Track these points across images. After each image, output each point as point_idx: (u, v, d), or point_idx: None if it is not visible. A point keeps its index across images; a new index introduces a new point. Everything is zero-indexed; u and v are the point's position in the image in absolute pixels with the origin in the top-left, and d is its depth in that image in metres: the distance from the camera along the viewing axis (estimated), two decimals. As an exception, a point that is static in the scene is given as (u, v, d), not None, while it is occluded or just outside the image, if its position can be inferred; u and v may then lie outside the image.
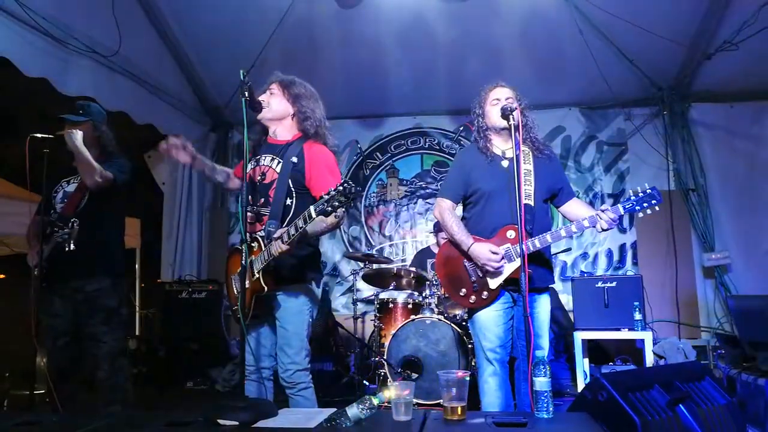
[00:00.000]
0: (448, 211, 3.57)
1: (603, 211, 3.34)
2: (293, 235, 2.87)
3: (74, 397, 3.83)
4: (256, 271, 3.05)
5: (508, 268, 3.37)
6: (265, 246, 3.04)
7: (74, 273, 3.77)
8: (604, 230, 3.38)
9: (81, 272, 3.78)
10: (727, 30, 5.75)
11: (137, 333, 7.74)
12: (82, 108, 3.96)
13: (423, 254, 6.63)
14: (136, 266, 8.06)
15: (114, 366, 3.85)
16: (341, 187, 2.65)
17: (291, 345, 3.22)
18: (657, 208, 3.33)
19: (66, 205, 3.89)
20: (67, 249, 3.69)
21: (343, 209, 2.78)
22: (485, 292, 3.42)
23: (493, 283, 3.39)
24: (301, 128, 3.39)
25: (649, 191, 3.32)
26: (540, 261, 3.50)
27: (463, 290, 3.50)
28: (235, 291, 3.28)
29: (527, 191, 3.42)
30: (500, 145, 3.60)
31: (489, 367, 3.44)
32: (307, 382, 3.25)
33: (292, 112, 3.39)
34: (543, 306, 3.53)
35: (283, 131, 3.41)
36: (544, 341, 3.50)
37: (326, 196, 2.68)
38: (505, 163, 3.52)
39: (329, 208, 2.69)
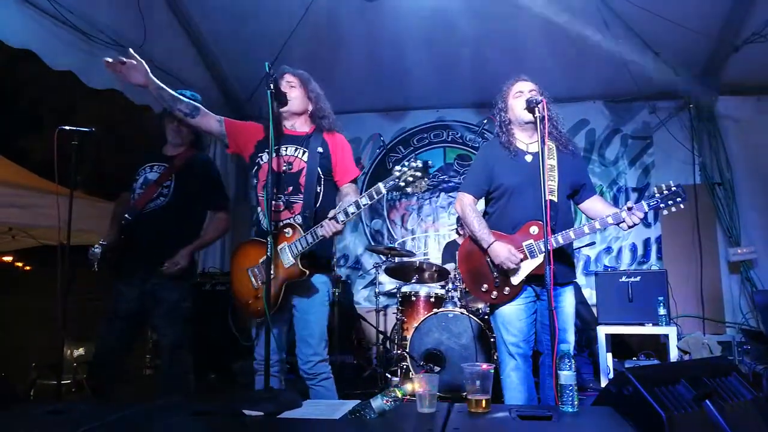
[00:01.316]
0: (470, 206, 3.56)
1: (629, 209, 3.32)
2: (353, 213, 2.97)
3: (108, 387, 3.88)
4: (292, 257, 3.09)
5: (531, 264, 3.37)
6: (304, 230, 3.11)
7: (146, 262, 3.81)
8: (629, 227, 3.36)
9: (149, 264, 3.81)
10: (756, 21, 5.65)
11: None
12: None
13: (451, 246, 6.62)
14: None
15: (173, 358, 3.90)
16: (414, 163, 2.75)
17: (314, 335, 3.25)
18: (682, 206, 3.30)
19: (140, 197, 3.93)
20: (93, 269, 3.78)
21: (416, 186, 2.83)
22: (507, 288, 3.43)
23: (515, 279, 3.40)
24: (317, 124, 3.47)
25: (674, 188, 3.31)
26: (562, 257, 3.47)
27: (485, 286, 3.51)
28: (257, 282, 3.26)
29: (551, 187, 3.41)
30: (524, 140, 3.59)
31: (511, 361, 3.44)
32: (327, 372, 3.30)
33: (310, 108, 3.47)
34: (567, 300, 3.50)
35: (302, 124, 3.49)
36: (570, 335, 3.47)
37: (398, 173, 2.78)
38: (528, 158, 3.51)
39: (402, 183, 2.78)
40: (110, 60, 3.22)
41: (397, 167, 2.81)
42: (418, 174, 2.75)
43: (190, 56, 6.57)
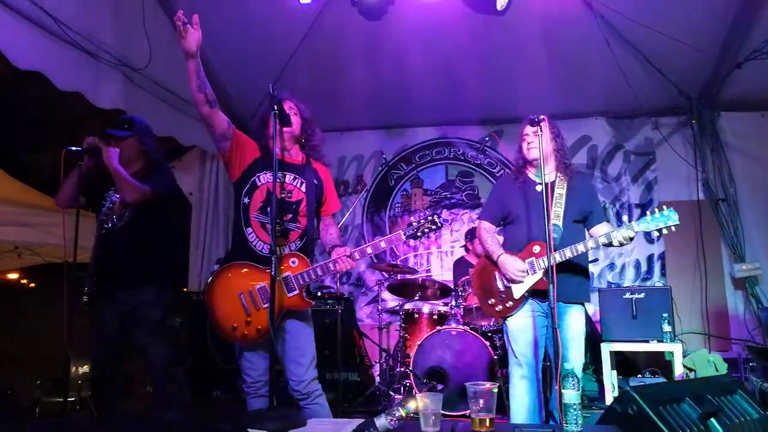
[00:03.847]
0: (485, 230, 3.96)
1: (620, 228, 3.53)
2: (370, 253, 3.22)
3: (112, 405, 3.87)
4: (296, 286, 3.13)
5: (532, 279, 3.64)
6: (312, 262, 3.22)
7: (119, 283, 3.78)
8: (620, 244, 3.55)
9: (126, 283, 3.78)
10: (758, 38, 5.67)
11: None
12: (127, 123, 4.00)
13: (460, 262, 6.67)
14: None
15: (165, 376, 3.88)
16: (431, 218, 3.24)
17: (306, 355, 3.29)
18: (673, 228, 3.44)
19: (107, 217, 3.91)
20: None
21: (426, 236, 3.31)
22: (510, 302, 3.71)
23: (517, 293, 3.68)
24: (308, 154, 3.54)
25: (666, 213, 3.47)
26: (570, 276, 3.66)
27: (492, 300, 3.81)
28: (252, 308, 3.19)
29: (557, 212, 3.70)
30: (535, 173, 3.86)
31: (518, 370, 3.67)
32: (319, 390, 3.33)
33: (304, 138, 3.52)
34: (572, 318, 3.65)
35: (297, 152, 3.51)
36: (573, 354, 3.56)
37: (416, 224, 3.22)
38: (538, 188, 3.78)
39: (419, 234, 3.21)
40: (182, 15, 3.06)
41: (414, 220, 3.26)
42: (433, 227, 3.23)
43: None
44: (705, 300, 6.79)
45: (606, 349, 5.35)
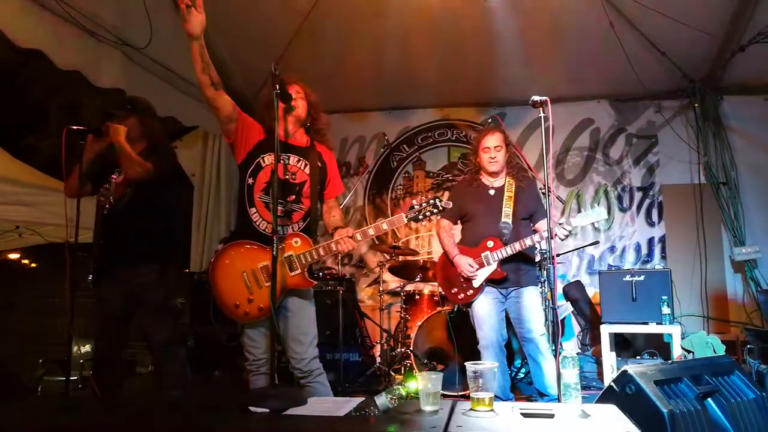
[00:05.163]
0: (444, 228, 4.62)
1: (559, 224, 4.17)
2: (371, 235, 3.26)
3: (113, 384, 3.90)
4: (299, 266, 3.15)
5: (487, 270, 4.33)
6: (315, 243, 3.24)
7: (120, 262, 3.80)
8: (561, 240, 4.29)
9: (128, 262, 3.80)
10: (762, 21, 5.64)
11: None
12: (129, 102, 4.02)
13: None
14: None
15: (167, 355, 3.91)
16: (433, 201, 3.21)
17: (308, 334, 3.31)
18: (603, 222, 4.06)
19: (107, 194, 3.94)
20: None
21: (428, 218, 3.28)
22: (470, 291, 4.40)
23: (475, 282, 4.37)
24: (313, 137, 3.55)
25: (597, 210, 4.21)
26: (521, 266, 4.40)
27: (455, 289, 4.51)
28: (254, 286, 3.23)
29: (506, 212, 4.35)
30: (489, 179, 4.56)
31: (484, 351, 4.33)
32: (320, 368, 3.36)
33: (309, 121, 3.53)
34: (529, 296, 4.35)
35: (301, 135, 3.51)
36: (535, 324, 4.28)
37: (417, 207, 3.20)
38: (491, 192, 4.50)
39: (420, 216, 3.21)
40: None
41: (416, 203, 3.24)
42: (435, 210, 3.19)
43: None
44: (704, 283, 6.83)
45: (605, 330, 5.38)
